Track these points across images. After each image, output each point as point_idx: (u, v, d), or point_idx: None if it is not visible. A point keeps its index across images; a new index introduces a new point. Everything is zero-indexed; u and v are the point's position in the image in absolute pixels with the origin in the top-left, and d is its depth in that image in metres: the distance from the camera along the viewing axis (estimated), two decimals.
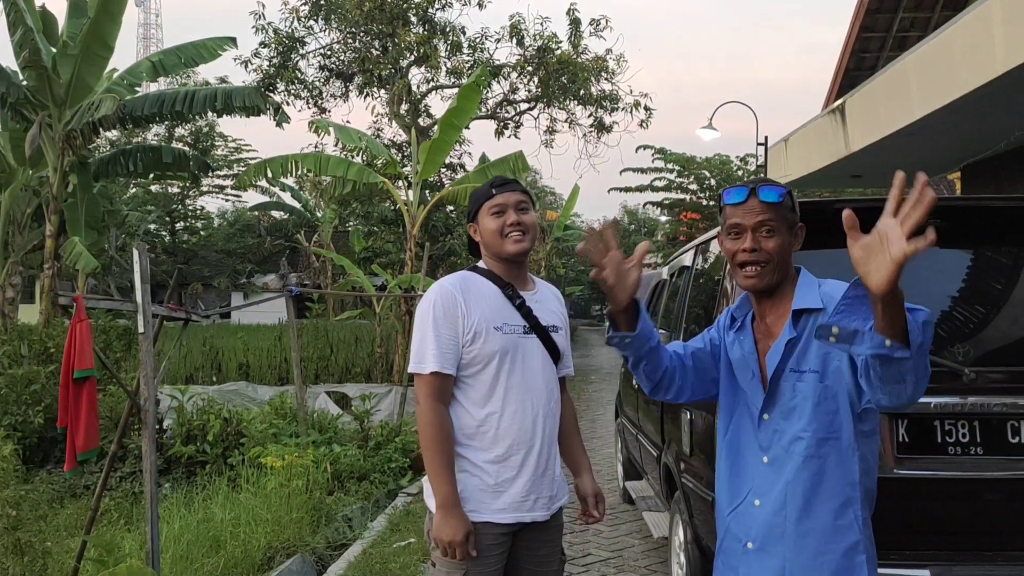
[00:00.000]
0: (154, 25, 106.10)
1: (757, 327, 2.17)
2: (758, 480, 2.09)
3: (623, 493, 6.81)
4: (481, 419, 2.45)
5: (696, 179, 24.69)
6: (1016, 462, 3.13)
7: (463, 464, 2.45)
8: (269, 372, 13.50)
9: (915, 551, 3.09)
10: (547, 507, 2.52)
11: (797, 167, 9.28)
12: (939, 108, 5.96)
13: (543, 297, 2.61)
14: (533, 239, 2.53)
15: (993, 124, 6.73)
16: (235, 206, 39.05)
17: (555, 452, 2.58)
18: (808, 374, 2.02)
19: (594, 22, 17.15)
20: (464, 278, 2.53)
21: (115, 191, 27.70)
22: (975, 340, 3.31)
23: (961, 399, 3.14)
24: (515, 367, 2.46)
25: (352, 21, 15.91)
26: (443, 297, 2.45)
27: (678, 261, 5.59)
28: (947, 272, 3.55)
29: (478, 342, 2.43)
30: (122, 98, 13.51)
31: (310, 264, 33.13)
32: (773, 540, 2.04)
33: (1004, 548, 3.11)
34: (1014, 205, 3.68)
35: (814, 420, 2.00)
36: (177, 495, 6.21)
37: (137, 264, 4.15)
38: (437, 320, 2.42)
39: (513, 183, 2.55)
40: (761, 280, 2.06)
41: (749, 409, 2.13)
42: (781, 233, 2.05)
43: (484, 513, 2.42)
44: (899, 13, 11.08)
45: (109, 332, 10.15)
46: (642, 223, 50.85)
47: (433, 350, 2.41)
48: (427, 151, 12.81)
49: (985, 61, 5.28)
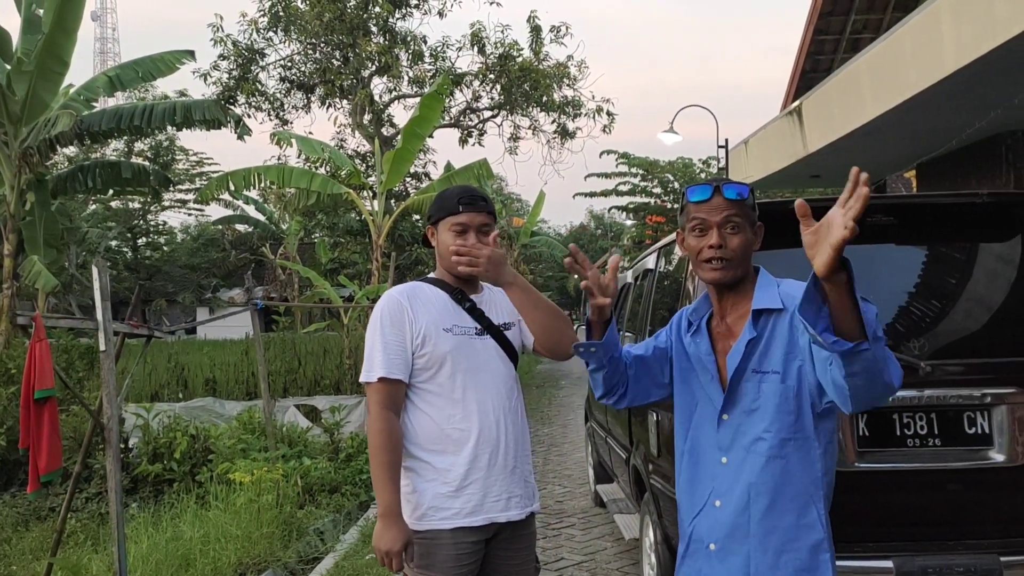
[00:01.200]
0: (111, 39, 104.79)
1: (716, 327, 2.18)
2: (718, 481, 2.10)
3: (595, 496, 6.84)
4: (444, 422, 2.44)
5: (660, 183, 24.89)
6: (973, 452, 3.20)
7: (428, 473, 2.44)
8: (237, 387, 13.36)
9: (878, 543, 3.15)
10: (521, 506, 2.51)
11: (757, 168, 9.41)
12: (891, 108, 6.07)
13: (492, 297, 2.61)
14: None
15: (945, 122, 6.87)
16: (198, 220, 38.70)
17: (524, 450, 2.57)
18: (771, 375, 2.04)
19: (554, 29, 17.24)
20: (412, 287, 2.54)
21: (74, 208, 27.30)
22: (931, 334, 3.38)
23: (918, 392, 3.21)
24: (471, 368, 2.46)
25: (312, 32, 15.85)
26: (389, 305, 2.47)
27: (642, 264, 5.64)
28: (903, 268, 3.63)
29: (428, 345, 2.43)
30: (79, 114, 13.33)
31: (276, 277, 32.90)
32: (737, 540, 2.05)
33: (964, 537, 3.18)
34: (966, 202, 3.75)
35: (776, 420, 2.02)
36: (144, 514, 6.13)
37: (97, 281, 4.10)
38: (384, 328, 2.44)
39: (481, 201, 2.51)
40: (725, 274, 2.07)
41: (708, 410, 2.14)
42: (744, 230, 2.08)
43: (456, 519, 2.41)
44: (851, 15, 11.28)
45: (71, 351, 10.01)
46: (608, 227, 51.12)
47: (380, 357, 2.41)
48: (391, 161, 12.80)
49: (935, 61, 5.40)
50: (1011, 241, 3.59)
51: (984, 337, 3.45)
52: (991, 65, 5.05)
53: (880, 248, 3.61)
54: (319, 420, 9.92)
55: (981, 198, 3.65)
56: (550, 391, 16.15)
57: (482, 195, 2.55)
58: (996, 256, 3.64)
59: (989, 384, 3.22)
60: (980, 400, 3.21)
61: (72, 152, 24.48)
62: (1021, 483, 3.16)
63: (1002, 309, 3.50)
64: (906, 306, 3.51)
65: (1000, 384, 3.22)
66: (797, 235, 1.67)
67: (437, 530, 2.41)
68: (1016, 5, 4.47)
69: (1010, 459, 3.17)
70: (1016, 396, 3.19)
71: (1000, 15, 4.62)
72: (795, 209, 1.67)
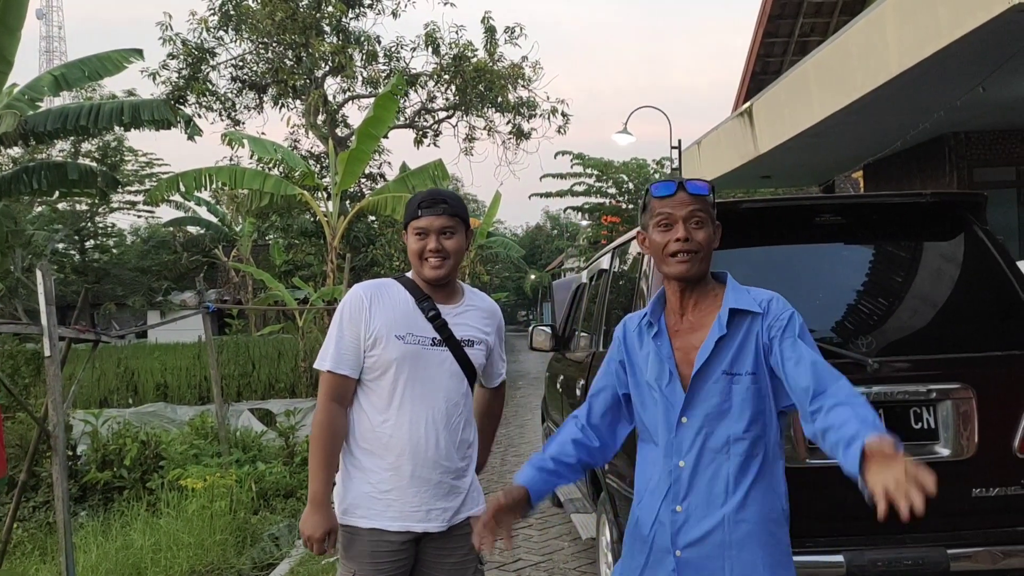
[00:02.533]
0: (57, 38, 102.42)
1: (674, 325, 2.17)
2: (677, 485, 2.07)
3: (551, 496, 6.85)
4: (377, 425, 2.47)
5: (614, 183, 25.04)
6: (920, 447, 3.27)
7: (356, 470, 2.49)
8: (189, 392, 13.19)
9: (829, 537, 3.20)
10: (443, 519, 2.49)
11: (710, 169, 9.52)
12: (839, 109, 6.19)
13: (468, 311, 2.59)
14: (456, 264, 2.51)
15: (890, 124, 7.02)
16: (148, 222, 37.94)
17: (460, 466, 2.54)
18: (743, 376, 2.05)
19: (509, 30, 17.28)
20: (380, 284, 2.55)
21: (19, 210, 26.60)
22: (878, 332, 3.44)
23: (866, 389, 3.25)
24: (414, 377, 2.46)
25: (264, 31, 15.67)
26: (352, 301, 2.50)
27: (596, 264, 5.67)
28: (851, 267, 3.70)
29: (378, 348, 2.45)
30: (23, 114, 13.01)
31: (229, 279, 32.39)
32: (710, 546, 2.04)
33: (912, 531, 3.24)
34: (912, 201, 3.83)
35: (753, 420, 2.04)
36: (94, 523, 6.00)
37: (41, 285, 4.01)
38: (343, 322, 2.49)
39: (442, 204, 2.48)
40: (691, 267, 2.08)
41: (665, 414, 2.11)
42: (708, 225, 2.10)
43: (375, 520, 2.45)
44: (800, 19, 11.48)
45: (17, 357, 9.75)
46: (564, 228, 51.35)
47: (332, 350, 2.47)
48: (345, 162, 12.70)
49: (880, 63, 5.51)
50: (955, 240, 3.67)
51: (929, 334, 3.52)
52: (934, 67, 5.17)
53: (829, 247, 3.68)
54: (274, 424, 9.80)
55: (926, 198, 3.73)
56: (508, 391, 16.14)
57: (445, 198, 2.51)
58: (940, 254, 3.72)
59: (934, 380, 3.29)
60: (926, 396, 3.28)
61: (16, 153, 23.87)
62: (966, 477, 3.24)
63: (947, 306, 3.58)
64: (854, 304, 3.58)
65: (945, 380, 3.29)
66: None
67: (355, 527, 2.46)
68: (958, 9, 4.58)
69: (955, 453, 3.25)
70: (960, 392, 3.26)
71: (942, 19, 4.73)
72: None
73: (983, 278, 3.55)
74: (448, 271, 2.49)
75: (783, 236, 3.62)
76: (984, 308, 3.54)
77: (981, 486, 3.24)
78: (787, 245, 3.64)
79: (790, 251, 3.65)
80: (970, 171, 8.15)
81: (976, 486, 3.24)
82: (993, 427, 3.25)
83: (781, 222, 3.63)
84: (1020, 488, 3.24)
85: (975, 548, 3.18)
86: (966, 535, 3.22)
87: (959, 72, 5.47)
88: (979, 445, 3.24)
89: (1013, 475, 3.24)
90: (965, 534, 3.22)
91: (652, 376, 2.16)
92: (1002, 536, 3.22)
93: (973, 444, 3.24)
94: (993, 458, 3.25)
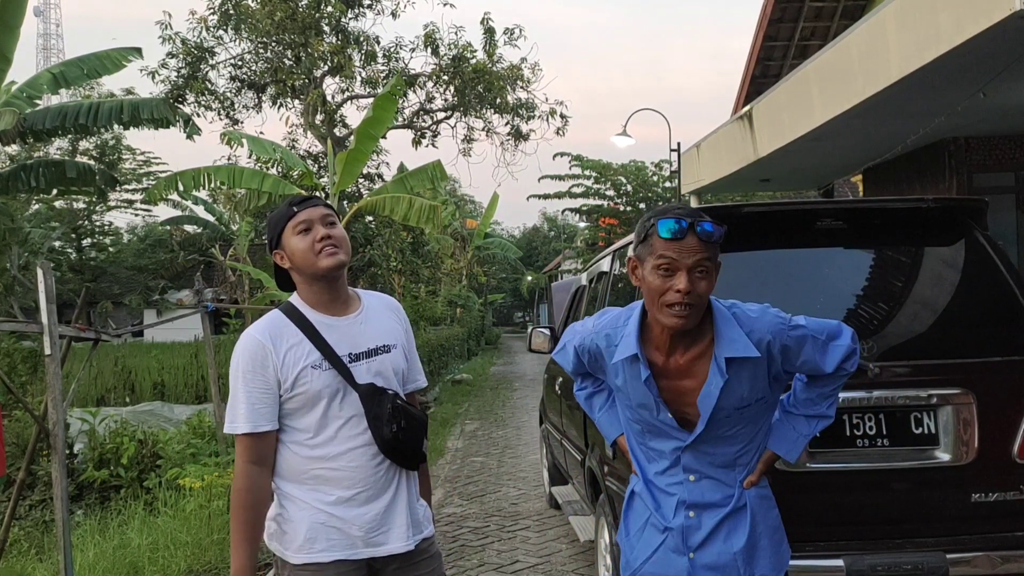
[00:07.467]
0: (55, 36, 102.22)
1: (662, 364, 2.08)
2: (686, 495, 2.14)
3: (549, 499, 6.85)
4: (314, 460, 2.29)
5: (613, 185, 25.07)
6: (920, 451, 3.28)
7: (303, 506, 2.30)
8: (186, 391, 13.18)
9: (828, 542, 3.21)
10: (405, 537, 2.36)
11: (709, 172, 9.52)
12: (839, 114, 6.19)
13: (370, 316, 2.42)
14: (348, 252, 2.35)
15: (890, 128, 7.02)
16: (145, 221, 37.97)
17: (406, 482, 2.41)
18: (754, 404, 2.03)
19: (508, 31, 17.27)
20: (272, 322, 2.34)
21: (16, 208, 26.53)
22: (879, 336, 3.45)
23: (867, 393, 3.27)
24: (344, 402, 2.30)
25: (263, 31, 15.64)
26: (249, 349, 2.28)
27: (596, 267, 5.67)
28: (852, 271, 3.71)
29: (300, 386, 2.27)
30: (22, 112, 13.00)
31: (226, 278, 32.36)
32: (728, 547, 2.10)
33: (912, 536, 3.25)
34: (913, 206, 3.84)
35: (761, 431, 2.12)
36: (91, 521, 6.00)
37: (42, 283, 4.00)
38: (246, 375, 2.26)
39: (314, 199, 2.38)
40: (689, 322, 1.96)
41: (661, 434, 2.14)
42: (712, 274, 1.97)
43: (335, 551, 2.29)
44: (800, 23, 11.50)
45: (14, 355, 9.76)
46: (562, 229, 51.37)
47: (243, 409, 2.25)
48: (344, 162, 12.69)
49: (881, 68, 5.51)
50: (955, 245, 3.68)
51: (930, 339, 3.53)
52: (935, 73, 5.17)
53: (829, 251, 3.68)
54: None
55: (927, 203, 3.74)
56: (504, 393, 16.16)
57: (313, 196, 2.44)
58: (941, 259, 3.73)
59: (935, 385, 3.30)
60: (927, 401, 3.28)
61: (14, 151, 23.84)
62: (966, 482, 3.24)
63: (947, 311, 3.58)
64: (855, 308, 3.59)
65: (946, 385, 3.30)
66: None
67: (317, 563, 2.28)
68: (959, 16, 4.58)
69: (955, 458, 3.25)
70: (961, 397, 3.27)
71: (944, 25, 4.73)
72: None
73: (984, 284, 3.56)
74: (345, 258, 2.32)
75: (785, 240, 3.62)
76: (984, 314, 3.55)
77: (981, 491, 3.25)
78: (788, 249, 3.64)
79: (791, 255, 3.65)
80: (970, 176, 8.16)
81: (976, 491, 3.25)
82: (993, 432, 3.26)
83: (783, 226, 3.63)
84: (1019, 493, 3.25)
85: (974, 553, 3.19)
86: (965, 540, 3.23)
87: (960, 78, 5.48)
88: (979, 450, 3.25)
89: (1013, 480, 3.25)
90: (964, 539, 3.23)
91: (635, 402, 2.12)
92: (1001, 541, 3.23)
93: (973, 449, 3.25)
94: (993, 463, 3.25)
